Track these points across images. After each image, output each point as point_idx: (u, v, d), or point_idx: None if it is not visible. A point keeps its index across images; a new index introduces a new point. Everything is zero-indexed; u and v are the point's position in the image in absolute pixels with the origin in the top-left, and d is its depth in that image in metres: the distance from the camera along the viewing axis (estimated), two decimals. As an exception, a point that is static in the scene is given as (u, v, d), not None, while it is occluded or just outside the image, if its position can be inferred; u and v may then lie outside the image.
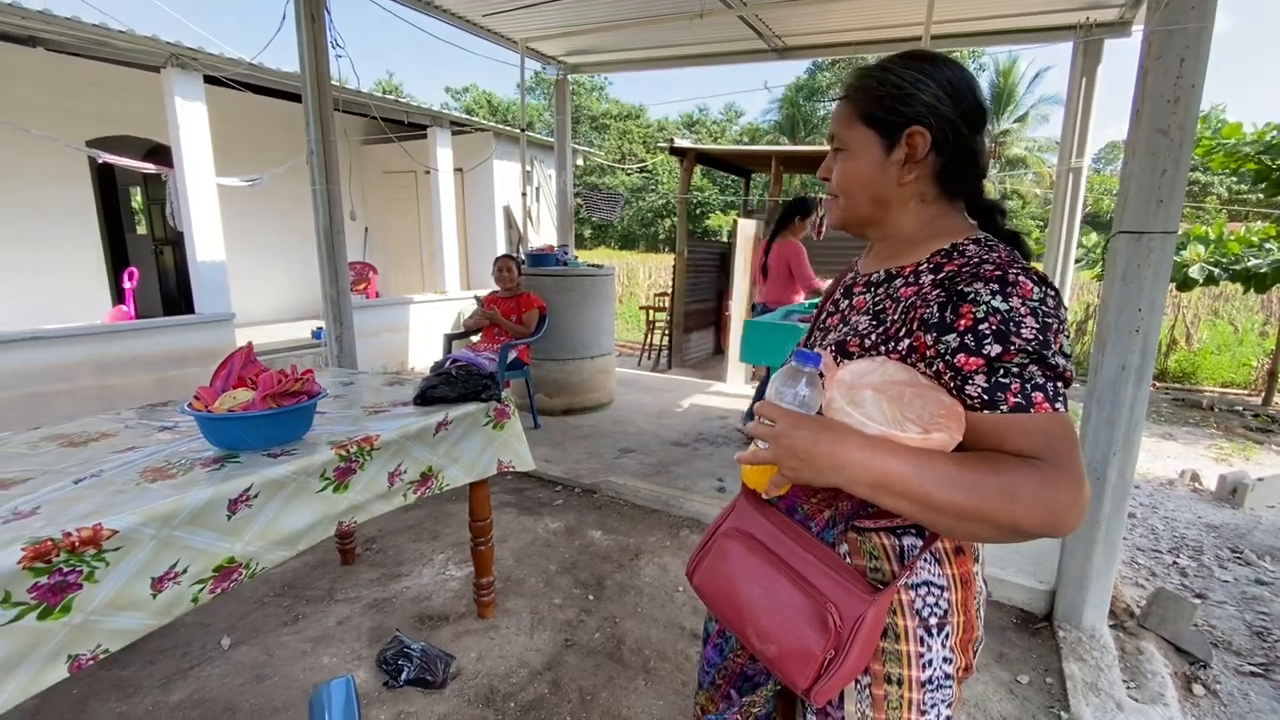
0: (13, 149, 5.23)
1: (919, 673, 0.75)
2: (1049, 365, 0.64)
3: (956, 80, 0.76)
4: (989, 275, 0.67)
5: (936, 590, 0.75)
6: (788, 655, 0.72)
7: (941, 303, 0.68)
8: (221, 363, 1.55)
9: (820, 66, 26.53)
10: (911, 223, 0.79)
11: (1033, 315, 0.64)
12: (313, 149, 3.61)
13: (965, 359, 0.65)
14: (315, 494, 1.46)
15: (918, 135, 0.74)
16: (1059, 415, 0.63)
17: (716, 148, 7.42)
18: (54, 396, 4.38)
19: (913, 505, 0.64)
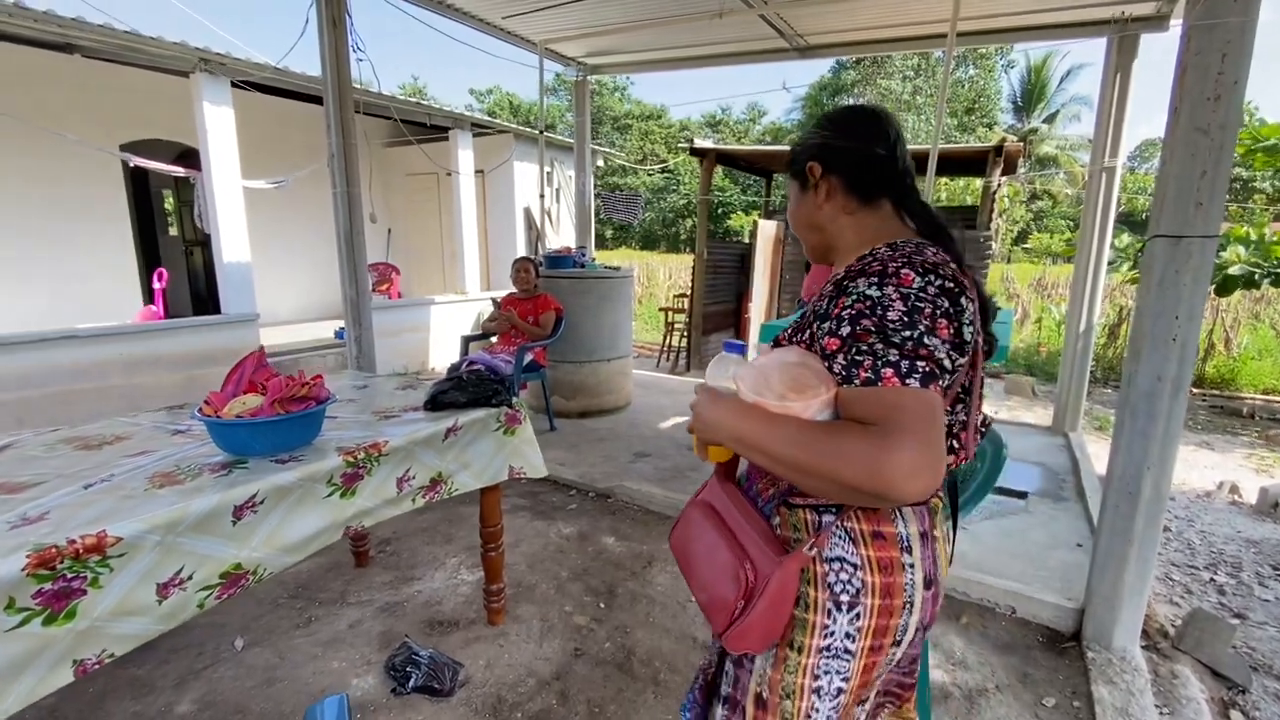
0: (51, 153, 5.38)
1: (819, 641, 0.81)
2: (902, 345, 0.70)
3: (834, 114, 0.94)
4: (873, 270, 0.76)
5: (850, 568, 0.80)
6: (713, 602, 0.85)
7: (830, 296, 0.79)
8: (233, 367, 1.56)
9: (844, 65, 26.17)
10: (848, 236, 0.91)
11: (902, 300, 0.72)
12: (333, 152, 3.65)
13: (827, 340, 0.75)
14: (322, 500, 1.46)
15: (812, 166, 0.91)
16: (908, 389, 0.69)
17: (737, 148, 7.36)
18: (85, 394, 4.50)
19: (764, 458, 0.76)
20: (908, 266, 0.76)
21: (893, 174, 0.91)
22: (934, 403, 0.70)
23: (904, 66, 25.44)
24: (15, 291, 5.47)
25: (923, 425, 0.67)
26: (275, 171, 5.85)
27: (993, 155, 5.61)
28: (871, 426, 0.68)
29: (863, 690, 0.86)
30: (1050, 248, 19.59)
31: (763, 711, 0.86)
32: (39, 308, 5.59)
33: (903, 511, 0.82)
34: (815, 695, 0.83)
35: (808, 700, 0.83)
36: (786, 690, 0.84)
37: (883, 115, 0.93)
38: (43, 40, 4.84)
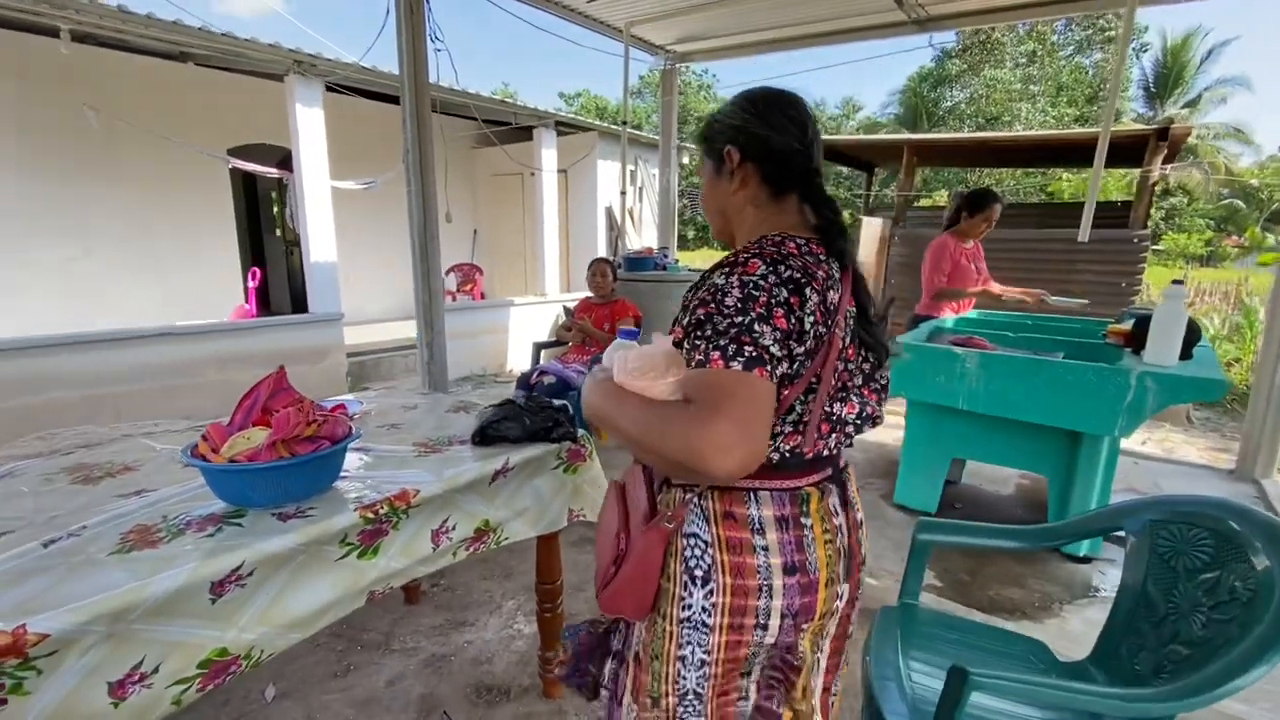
0: (167, 158, 5.65)
1: (679, 612, 0.87)
2: (727, 331, 0.74)
3: (757, 98, 0.92)
4: (729, 261, 0.81)
5: (702, 544, 0.86)
6: (599, 565, 0.95)
7: (694, 287, 0.84)
8: (248, 391, 1.30)
9: (949, 53, 24.43)
10: (749, 225, 0.93)
11: (741, 287, 0.76)
12: (408, 147, 3.48)
13: (675, 329, 0.84)
14: (335, 563, 1.16)
15: (730, 150, 0.91)
16: (728, 371, 0.73)
17: (837, 138, 6.75)
18: (181, 390, 4.63)
19: (614, 432, 0.83)
20: (757, 256, 0.79)
21: (806, 169, 0.91)
22: (752, 384, 0.73)
23: (1016, 53, 23.44)
24: (131, 289, 5.79)
25: (733, 405, 0.71)
26: (367, 174, 5.89)
27: (1154, 140, 4.74)
28: (691, 404, 0.74)
29: (732, 665, 0.89)
30: (1187, 249, 17.27)
31: (639, 669, 0.93)
32: (154, 300, 5.89)
33: (757, 494, 0.86)
34: (680, 663, 0.88)
35: (673, 666, 0.89)
36: (655, 652, 0.90)
37: (803, 104, 0.92)
38: (160, 50, 5.07)
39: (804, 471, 0.88)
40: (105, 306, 5.54)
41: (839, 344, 0.83)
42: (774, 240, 0.84)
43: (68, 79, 4.91)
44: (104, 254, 5.60)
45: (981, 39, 23.34)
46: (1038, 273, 4.71)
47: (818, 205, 0.90)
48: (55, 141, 5.16)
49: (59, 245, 5.35)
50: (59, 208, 5.30)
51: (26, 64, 4.89)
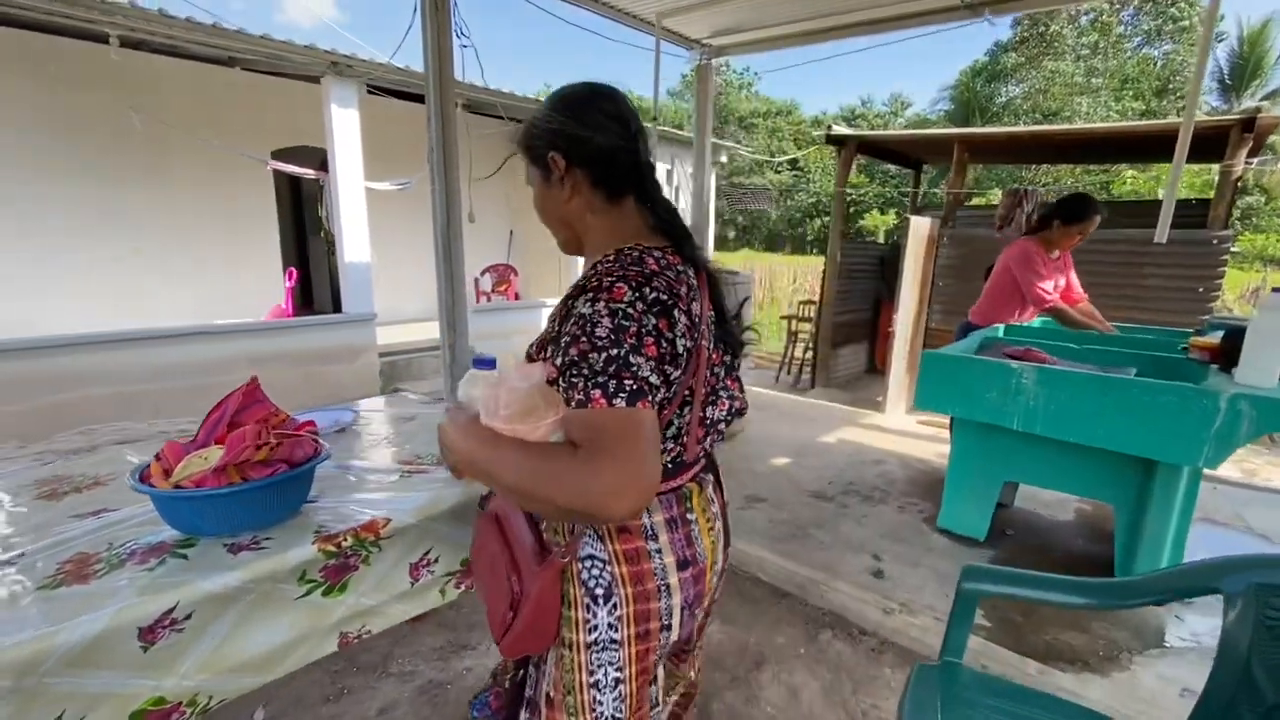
0: (213, 161, 5.78)
1: (585, 636, 0.84)
2: (602, 368, 0.70)
3: (570, 97, 0.88)
4: (590, 285, 0.76)
5: (600, 563, 0.83)
6: (492, 613, 0.89)
7: (561, 317, 0.80)
8: (216, 404, 1.20)
9: (1004, 46, 23.41)
10: (594, 235, 0.90)
11: (610, 317, 0.72)
12: (433, 145, 3.40)
13: (549, 367, 0.77)
14: (294, 602, 1.04)
15: (555, 157, 0.86)
16: (611, 410, 0.69)
17: (882, 134, 6.43)
18: (218, 388, 4.65)
19: (490, 481, 0.79)
20: (621, 280, 0.75)
21: (635, 165, 0.88)
22: (639, 420, 0.70)
23: (1077, 45, 22.33)
24: (176, 288, 5.94)
25: (623, 446, 0.68)
26: (401, 175, 5.90)
27: (1237, 131, 4.30)
28: (579, 449, 0.70)
29: (644, 676, 0.88)
30: (1265, 250, 16.04)
31: (551, 710, 0.88)
32: (197, 299, 6.03)
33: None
34: (595, 689, 0.85)
35: (588, 694, 0.85)
36: (567, 686, 0.86)
37: (620, 97, 0.89)
38: (204, 54, 5.17)
39: (683, 471, 0.88)
40: (151, 305, 5.70)
41: (705, 354, 0.83)
42: (632, 256, 0.81)
43: (117, 84, 5.05)
44: (151, 254, 5.76)
45: (1040, 30, 22.29)
46: (1102, 277, 4.33)
47: (655, 206, 0.88)
48: (106, 145, 5.32)
49: (109, 245, 5.53)
50: (110, 209, 5.48)
51: (79, 70, 5.05)
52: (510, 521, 0.89)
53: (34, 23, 4.36)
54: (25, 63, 4.83)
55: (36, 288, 5.17)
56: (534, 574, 0.82)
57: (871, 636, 2.11)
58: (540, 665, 0.90)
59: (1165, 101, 21.09)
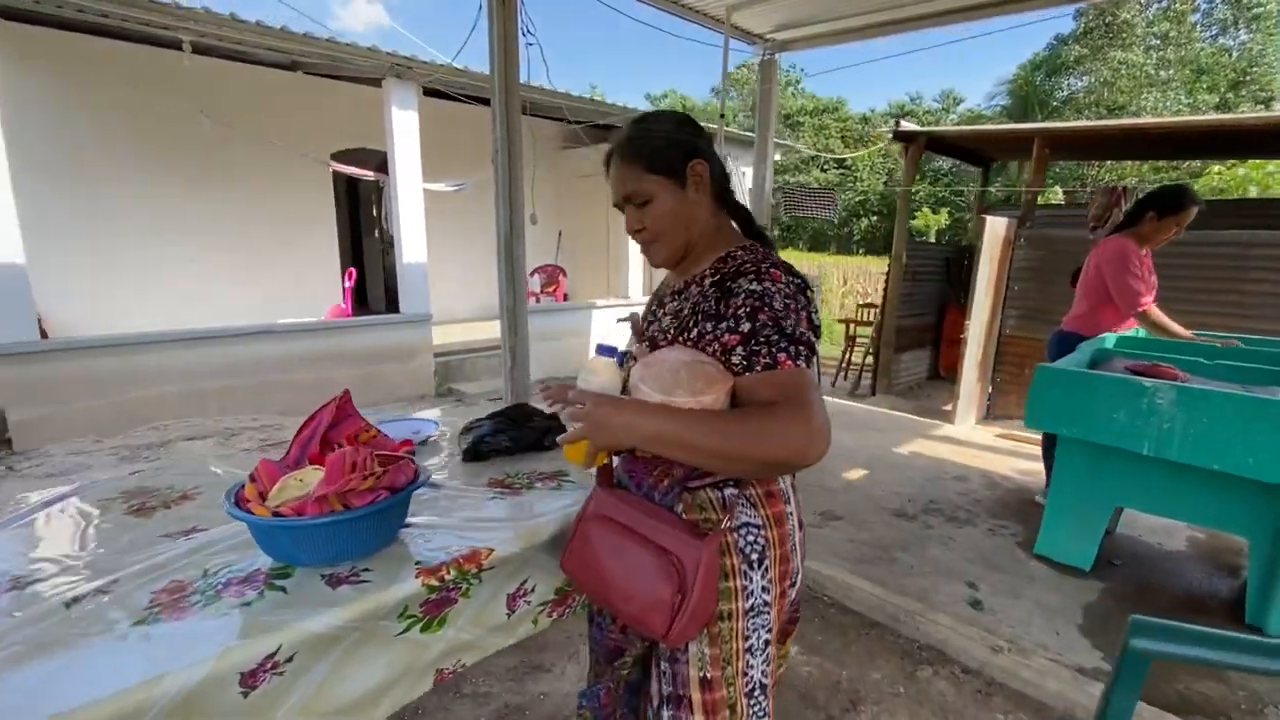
0: (276, 163, 5.91)
1: (743, 604, 0.88)
2: (789, 333, 0.82)
3: (680, 117, 0.99)
4: (748, 271, 0.88)
5: (754, 530, 0.89)
6: (646, 608, 0.85)
7: (716, 298, 0.89)
8: (308, 419, 1.13)
9: (1063, 39, 22.37)
10: (709, 238, 0.99)
11: (780, 295, 0.85)
12: (497, 147, 3.35)
13: (728, 337, 0.85)
14: (393, 639, 0.96)
15: (699, 165, 0.95)
16: (800, 369, 0.81)
17: (954, 129, 6.13)
18: (278, 386, 4.77)
19: (685, 451, 0.81)
20: (774, 266, 0.88)
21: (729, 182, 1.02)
22: (814, 379, 0.83)
23: (1147, 34, 21.17)
24: (241, 288, 6.09)
25: (818, 398, 0.80)
26: (455, 176, 5.92)
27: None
28: (778, 405, 0.78)
29: (779, 641, 0.96)
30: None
31: (709, 692, 0.89)
32: (260, 298, 6.16)
33: None
34: (749, 654, 0.89)
35: (743, 660, 0.89)
36: (726, 657, 0.88)
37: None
38: (270, 59, 5.28)
39: None
40: (216, 304, 5.86)
41: None
42: (758, 252, 0.93)
43: (186, 89, 5.20)
44: (217, 254, 5.93)
45: (1106, 21, 21.20)
46: (1199, 282, 3.99)
47: (742, 214, 1.02)
48: (175, 149, 5.49)
49: (179, 246, 5.70)
50: (179, 210, 5.65)
51: (151, 76, 5.22)
52: (629, 514, 0.91)
53: (113, 30, 4.51)
54: (105, 70, 5.01)
55: (107, 288, 5.36)
56: (695, 547, 0.83)
57: (976, 676, 1.93)
58: (678, 657, 0.90)
59: (1241, 94, 19.82)
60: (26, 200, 4.34)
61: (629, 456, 1.00)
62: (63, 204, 5.08)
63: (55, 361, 3.94)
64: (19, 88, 4.69)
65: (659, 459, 0.93)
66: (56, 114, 4.97)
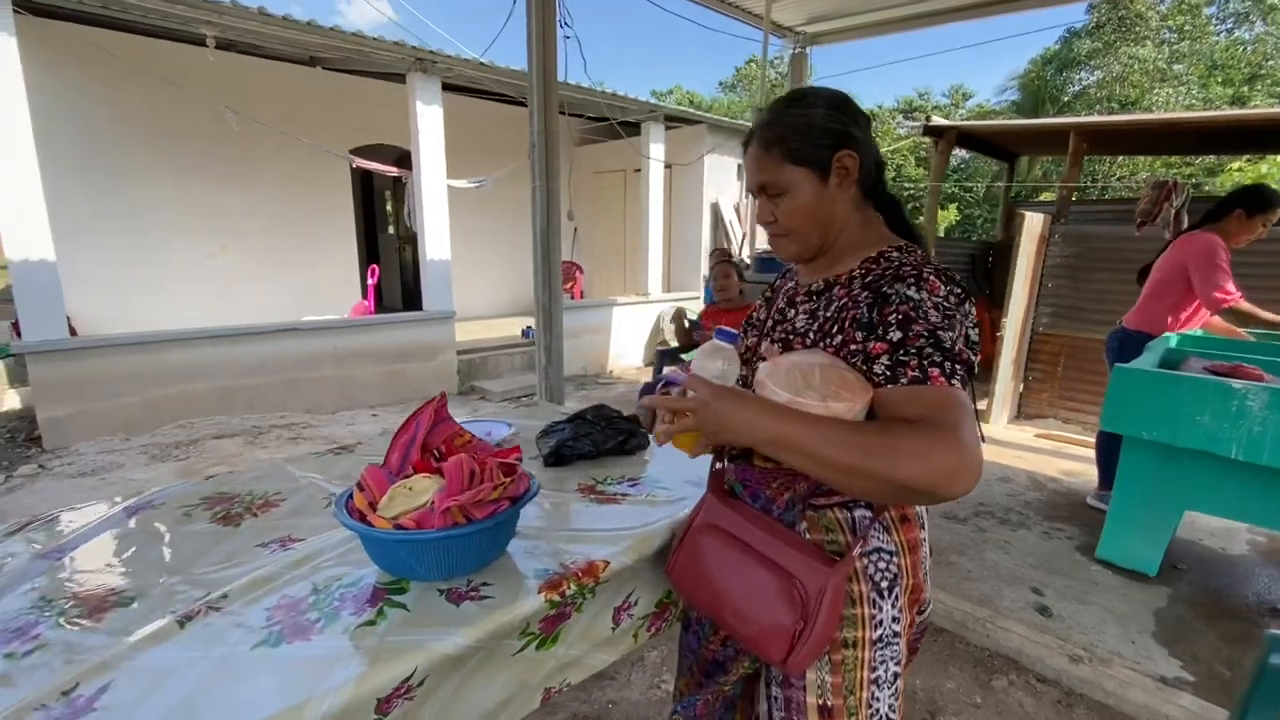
0: (295, 161, 5.87)
1: (871, 633, 0.82)
2: (945, 348, 0.73)
3: (834, 99, 0.88)
4: (906, 275, 0.79)
5: (886, 556, 0.83)
6: (764, 633, 0.80)
7: (869, 304, 0.79)
8: (405, 422, 1.08)
9: (1077, 33, 22.14)
10: (852, 235, 0.89)
11: (936, 309, 0.76)
12: (534, 141, 3.29)
13: (875, 345, 0.76)
14: (511, 658, 0.91)
15: (847, 158, 0.85)
16: (953, 389, 0.71)
17: (986, 124, 6.03)
18: (305, 383, 4.74)
19: (808, 461, 0.72)
20: (933, 274, 0.79)
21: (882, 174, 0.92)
22: (969, 402, 0.72)
23: (1160, 28, 20.96)
24: (263, 285, 6.06)
25: (969, 423, 0.69)
26: (472, 173, 5.87)
27: None
28: (921, 424, 0.69)
29: (908, 669, 0.89)
30: None
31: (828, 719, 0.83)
32: (281, 294, 6.13)
33: None
34: (875, 686, 0.83)
35: (868, 691, 0.83)
36: (849, 687, 0.83)
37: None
38: (292, 55, 5.23)
39: None
40: (239, 301, 5.83)
41: None
42: (915, 255, 0.85)
43: (210, 86, 5.16)
44: (240, 251, 5.90)
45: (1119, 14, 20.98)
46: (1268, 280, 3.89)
47: (894, 210, 0.92)
48: (198, 147, 5.46)
49: (202, 243, 5.67)
50: (203, 208, 5.62)
51: (174, 72, 5.18)
52: (746, 529, 0.85)
53: (137, 26, 4.48)
54: (130, 66, 4.98)
55: (134, 285, 5.34)
56: (821, 573, 0.77)
57: (1053, 686, 1.87)
58: (791, 682, 0.84)
59: (1256, 88, 19.61)
60: (56, 198, 4.31)
61: (745, 464, 0.94)
62: (91, 201, 5.06)
63: (84, 359, 3.91)
64: (47, 84, 4.66)
65: (780, 469, 0.87)
66: (84, 111, 4.94)
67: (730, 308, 3.45)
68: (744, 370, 0.97)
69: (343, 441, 4.22)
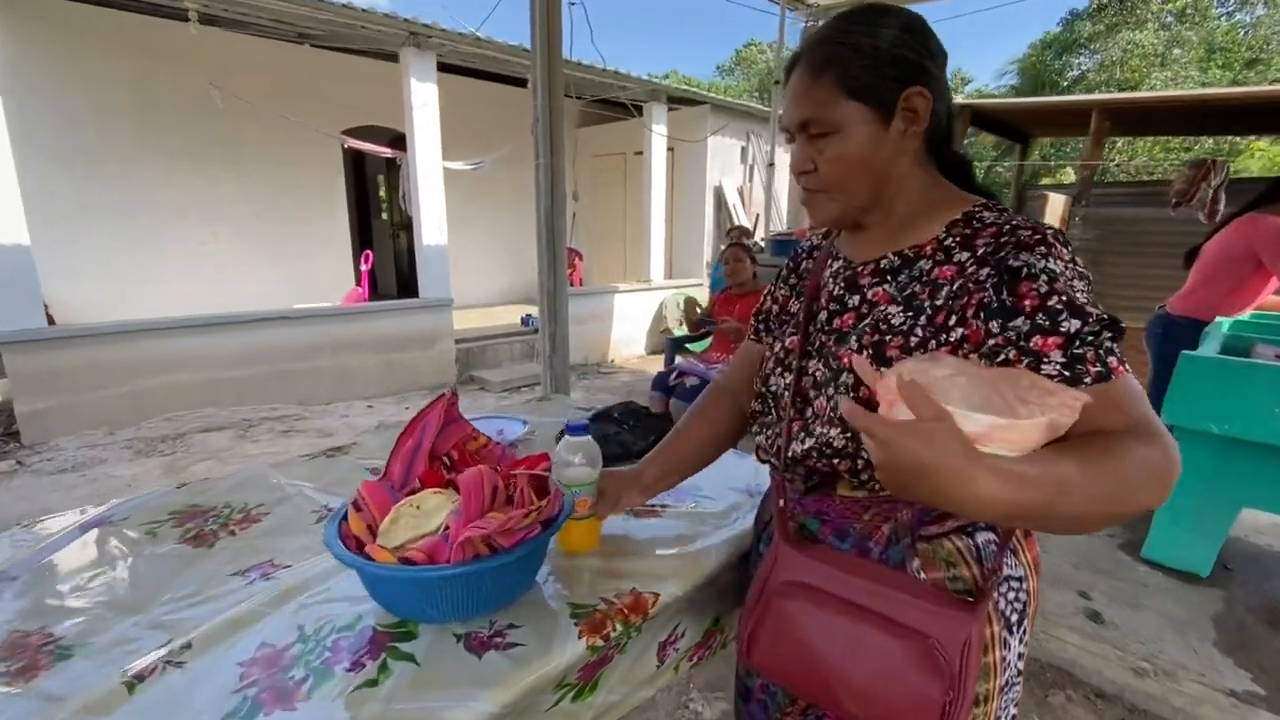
0: (285, 143, 5.63)
1: (999, 680, 0.69)
2: (1107, 325, 0.58)
3: (914, 23, 0.68)
4: (1031, 242, 0.62)
5: (1016, 583, 0.70)
6: (899, 710, 0.63)
7: (995, 284, 0.61)
8: (408, 425, 0.90)
9: (1078, 14, 21.85)
10: (913, 195, 0.71)
11: (1079, 278, 0.61)
12: (538, 115, 3.08)
13: (1042, 340, 0.58)
14: (543, 715, 0.74)
15: (917, 97, 0.66)
16: (1132, 378, 0.59)
17: (1004, 101, 5.85)
18: (297, 374, 4.55)
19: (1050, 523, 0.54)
20: (1054, 237, 0.63)
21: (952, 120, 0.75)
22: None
23: (1161, 12, 20.78)
24: (255, 271, 5.84)
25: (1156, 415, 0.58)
26: (469, 155, 5.65)
27: None
28: (1139, 436, 0.54)
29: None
30: None
31: None
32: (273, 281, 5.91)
33: None
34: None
35: None
36: None
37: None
38: (279, 32, 4.98)
39: None
40: (230, 286, 5.61)
41: None
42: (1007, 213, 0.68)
43: (194, 64, 4.92)
44: (231, 238, 5.67)
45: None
46: None
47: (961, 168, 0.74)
48: (187, 128, 5.22)
49: (193, 229, 5.45)
50: (193, 193, 5.39)
51: (157, 50, 4.93)
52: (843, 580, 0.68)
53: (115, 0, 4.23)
54: (110, 43, 4.73)
55: (117, 271, 5.11)
56: (960, 623, 0.61)
57: (1114, 703, 1.73)
58: None
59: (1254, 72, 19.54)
60: (32, 179, 4.09)
61: (823, 494, 0.74)
62: (72, 184, 4.82)
63: (64, 349, 3.71)
64: (21, 59, 4.41)
65: (875, 496, 0.69)
66: (61, 89, 4.69)
67: (743, 293, 3.28)
68: (786, 378, 0.77)
69: (337, 435, 4.05)
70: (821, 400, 0.72)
